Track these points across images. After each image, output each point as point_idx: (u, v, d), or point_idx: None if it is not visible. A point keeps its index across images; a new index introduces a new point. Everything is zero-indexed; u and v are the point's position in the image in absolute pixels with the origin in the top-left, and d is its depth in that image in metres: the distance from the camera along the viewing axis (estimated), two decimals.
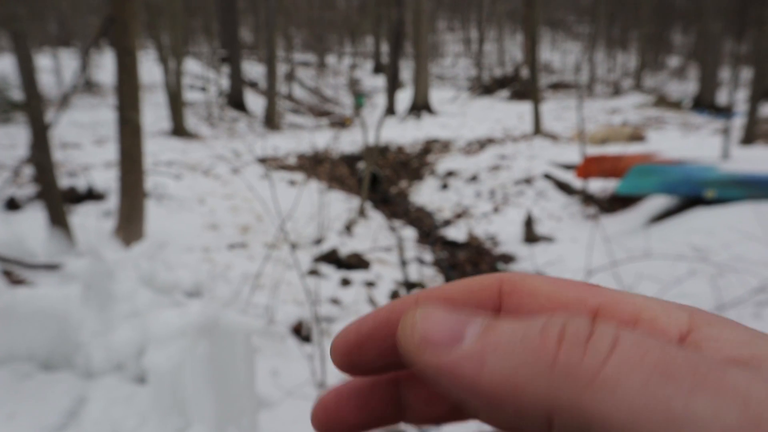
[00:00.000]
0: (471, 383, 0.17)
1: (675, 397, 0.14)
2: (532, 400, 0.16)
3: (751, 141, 9.23)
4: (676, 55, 31.15)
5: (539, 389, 0.15)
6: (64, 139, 9.48)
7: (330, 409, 0.23)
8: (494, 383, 0.16)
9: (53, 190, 3.84)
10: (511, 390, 0.16)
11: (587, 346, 0.15)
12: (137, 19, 4.45)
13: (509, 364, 0.16)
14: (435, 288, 0.22)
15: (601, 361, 0.15)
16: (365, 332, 0.22)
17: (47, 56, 17.02)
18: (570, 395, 0.15)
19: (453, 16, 45.53)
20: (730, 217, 5.20)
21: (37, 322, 2.46)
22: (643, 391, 0.14)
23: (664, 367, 0.14)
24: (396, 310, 0.22)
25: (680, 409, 0.14)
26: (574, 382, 0.15)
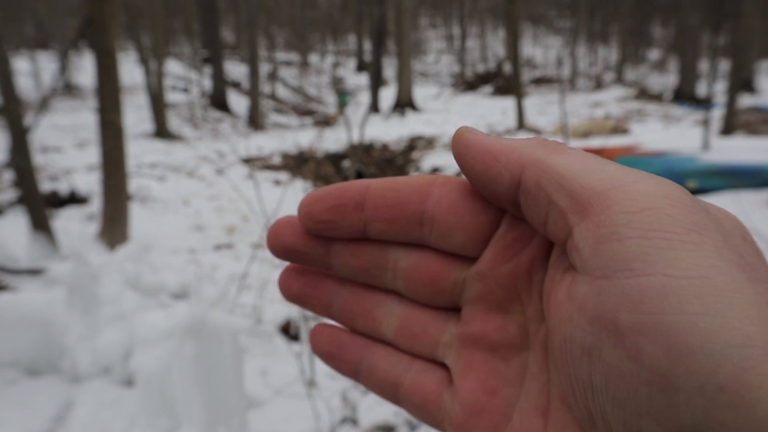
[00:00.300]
0: (488, 146, 0.25)
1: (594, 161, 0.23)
2: (518, 156, 0.24)
3: (730, 131, 9.36)
4: (656, 48, 31.47)
5: (525, 150, 0.24)
6: (45, 143, 9.36)
7: (277, 227, 0.29)
8: (502, 146, 0.25)
9: (34, 195, 3.79)
10: (510, 149, 0.24)
11: (561, 143, 0.24)
12: (116, 20, 4.40)
13: (515, 141, 0.25)
14: (386, 178, 0.28)
15: (565, 146, 0.24)
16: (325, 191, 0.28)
17: (24, 59, 16.77)
18: (541, 154, 0.24)
19: (435, 13, 45.58)
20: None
21: (22, 327, 2.43)
22: (580, 157, 0.23)
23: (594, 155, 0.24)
24: (351, 184, 0.28)
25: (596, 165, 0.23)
26: (547, 149, 0.24)
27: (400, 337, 0.29)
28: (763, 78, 19.76)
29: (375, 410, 2.98)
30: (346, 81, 27.00)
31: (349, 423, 2.92)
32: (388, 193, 0.27)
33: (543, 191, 0.23)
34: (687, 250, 0.19)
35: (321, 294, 0.30)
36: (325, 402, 2.76)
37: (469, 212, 0.26)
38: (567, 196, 0.22)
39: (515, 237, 0.26)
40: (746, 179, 5.71)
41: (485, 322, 0.27)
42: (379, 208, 0.27)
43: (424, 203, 0.27)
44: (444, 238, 0.27)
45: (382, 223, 0.27)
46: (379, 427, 2.92)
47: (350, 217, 0.27)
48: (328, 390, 3.03)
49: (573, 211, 0.22)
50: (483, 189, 0.26)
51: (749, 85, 16.74)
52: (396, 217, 0.27)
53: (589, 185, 0.22)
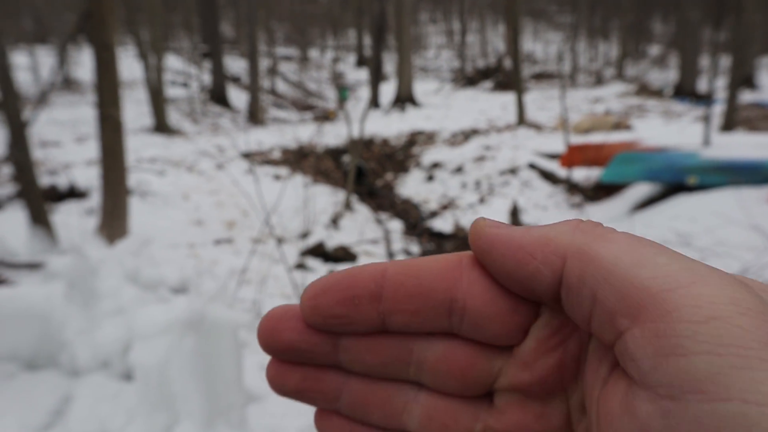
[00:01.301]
0: (517, 241, 0.23)
1: (647, 253, 0.21)
2: (554, 248, 0.22)
3: (730, 127, 9.35)
4: (656, 43, 31.41)
5: (562, 240, 0.22)
6: (44, 138, 9.34)
7: (272, 322, 0.25)
8: (534, 238, 0.23)
9: (33, 189, 3.78)
10: (544, 241, 0.22)
11: (598, 226, 0.23)
12: (115, 14, 4.38)
13: (546, 229, 0.23)
14: (405, 259, 0.25)
15: (606, 231, 0.22)
16: (333, 280, 0.24)
17: (23, 53, 16.72)
18: (582, 243, 0.22)
19: (435, 8, 45.45)
20: (712, 203, 5.27)
21: (20, 321, 2.43)
22: (628, 247, 0.21)
23: (642, 241, 0.22)
24: (365, 269, 0.25)
25: (649, 258, 0.20)
26: (586, 236, 0.22)
27: (426, 428, 0.26)
28: (764, 74, 19.73)
29: None
30: (346, 76, 26.95)
31: None
32: (409, 280, 0.24)
33: (587, 287, 0.21)
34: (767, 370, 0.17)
35: (325, 388, 0.26)
36: None
37: (506, 300, 0.24)
38: (616, 296, 0.20)
39: (560, 324, 0.24)
40: (747, 175, 5.70)
41: (524, 412, 0.25)
42: (400, 298, 0.24)
43: (453, 291, 0.24)
44: (477, 329, 0.24)
45: (404, 315, 0.24)
46: None
47: (365, 311, 0.24)
48: None
49: (623, 313, 0.20)
50: (518, 287, 0.23)
51: (750, 81, 16.71)
52: (420, 308, 0.24)
53: (641, 284, 0.19)
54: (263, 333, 0.25)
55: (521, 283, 0.23)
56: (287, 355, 0.25)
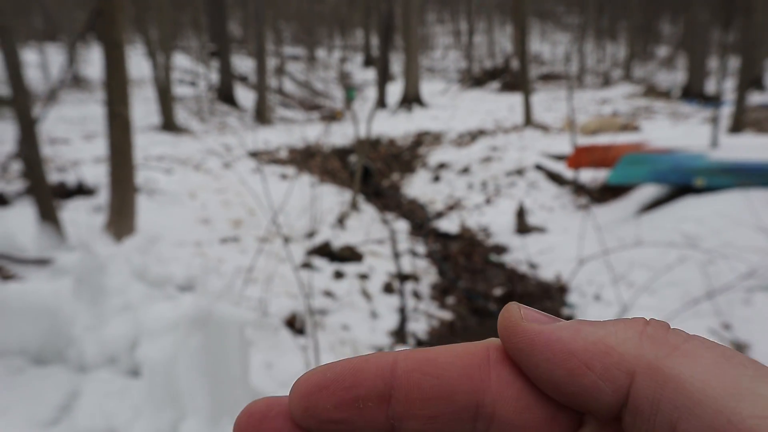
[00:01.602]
0: (567, 345, 0.19)
1: (742, 377, 0.17)
2: (618, 360, 0.18)
3: (739, 129, 9.30)
4: (664, 45, 31.25)
5: (628, 350, 0.18)
6: (53, 135, 9.40)
7: (253, 422, 0.20)
8: (588, 343, 0.19)
9: (42, 185, 3.81)
10: (604, 349, 0.18)
11: (668, 330, 0.19)
12: (124, 12, 4.40)
13: (602, 332, 0.19)
14: (418, 350, 0.21)
15: (681, 340, 0.18)
16: (331, 375, 0.20)
17: (33, 51, 16.83)
18: (653, 358, 0.18)
19: (442, 9, 45.40)
20: (720, 205, 5.24)
21: (29, 316, 2.45)
22: (715, 366, 0.17)
23: (730, 356, 0.17)
24: (370, 362, 0.20)
25: (747, 386, 0.16)
26: (659, 348, 0.18)
27: None
28: None
29: None
30: (353, 76, 26.97)
31: None
32: (426, 380, 0.20)
33: (664, 415, 0.17)
34: None
35: None
36: None
37: (543, 408, 0.20)
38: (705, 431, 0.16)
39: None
40: (755, 177, 5.66)
41: None
42: (414, 401, 0.20)
43: (479, 394, 0.20)
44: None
45: (419, 421, 0.20)
46: None
47: (371, 414, 0.20)
48: None
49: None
50: (565, 400, 0.19)
51: (759, 83, 16.60)
52: (439, 413, 0.20)
53: (743, 423, 0.16)
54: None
55: (571, 396, 0.19)
56: None
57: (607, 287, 4.39)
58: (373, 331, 4.05)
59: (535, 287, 5.01)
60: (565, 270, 5.09)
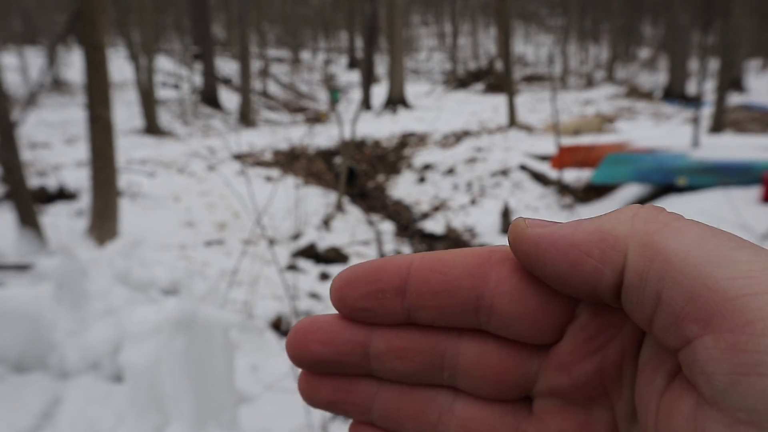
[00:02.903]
0: (568, 239, 0.20)
1: (722, 247, 0.18)
2: (613, 242, 0.20)
3: (719, 129, 9.43)
4: (646, 46, 31.65)
5: (621, 231, 0.20)
6: (33, 139, 9.26)
7: (300, 335, 0.25)
8: (587, 234, 0.20)
9: (22, 190, 3.75)
10: (600, 236, 0.20)
11: (661, 212, 0.20)
12: (105, 14, 4.35)
13: (599, 221, 0.21)
14: (431, 252, 0.24)
15: (673, 218, 0.20)
16: (360, 272, 0.24)
17: (12, 54, 16.59)
18: (644, 234, 0.19)
19: (427, 11, 45.54)
20: (701, 203, 5.31)
21: (8, 323, 2.40)
22: (699, 239, 0.18)
23: (715, 231, 0.19)
24: (390, 261, 0.24)
25: (725, 254, 0.18)
26: (650, 225, 0.19)
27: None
28: (752, 77, 19.92)
29: None
30: (337, 78, 26.94)
31: (341, 418, 2.91)
32: (434, 276, 0.23)
33: (651, 285, 0.19)
34: None
35: (357, 398, 0.25)
36: None
37: (537, 299, 0.22)
38: (685, 297, 0.18)
39: (600, 326, 0.22)
40: (735, 176, 5.75)
41: (565, 420, 0.23)
42: (424, 294, 0.23)
43: (479, 288, 0.22)
44: (507, 328, 0.23)
45: (428, 311, 0.23)
46: None
47: (390, 305, 0.23)
48: None
49: (693, 318, 0.17)
50: (572, 291, 0.21)
51: (738, 84, 16.87)
52: (445, 305, 0.23)
53: (717, 285, 0.17)
54: (292, 347, 0.25)
55: (579, 286, 0.21)
56: (318, 368, 0.25)
57: None
58: None
59: None
60: None
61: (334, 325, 0.25)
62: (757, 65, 24.04)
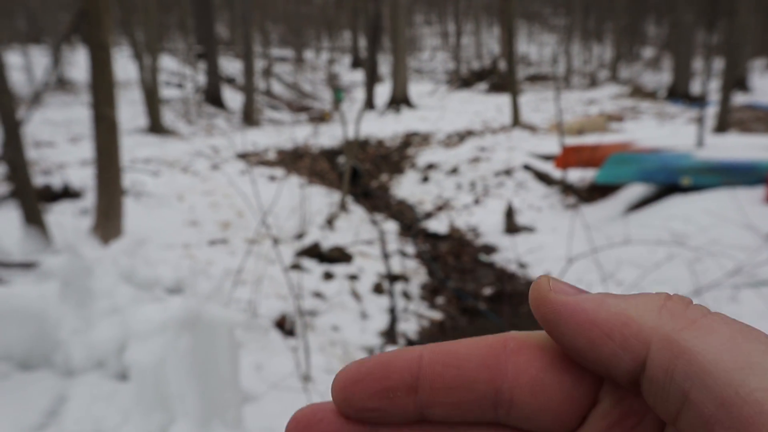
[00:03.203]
0: (590, 316, 0.20)
1: (754, 352, 0.18)
2: (637, 331, 0.19)
3: (724, 129, 9.40)
4: (650, 46, 31.56)
5: (646, 322, 0.19)
6: (38, 138, 9.30)
7: (301, 427, 0.23)
8: (610, 314, 0.20)
9: (27, 189, 3.76)
10: (624, 320, 0.20)
11: (688, 305, 0.20)
12: (110, 13, 4.36)
13: (624, 304, 0.20)
14: (442, 343, 0.23)
15: (700, 314, 0.19)
16: (365, 369, 0.22)
17: (17, 53, 16.64)
18: (670, 330, 0.19)
19: (430, 10, 45.51)
20: (707, 203, 5.30)
21: (14, 320, 2.41)
22: (729, 341, 0.18)
23: (747, 332, 0.18)
24: (398, 357, 0.22)
25: (758, 360, 0.17)
26: (676, 321, 0.19)
27: None
28: (756, 76, 19.86)
29: None
30: (341, 77, 26.95)
31: None
32: (448, 371, 0.22)
33: (677, 384, 0.18)
34: None
35: None
36: (320, 396, 2.76)
37: (559, 388, 0.21)
38: (715, 403, 0.17)
39: (622, 413, 0.21)
40: (740, 176, 5.73)
41: None
42: (438, 390, 0.22)
43: (497, 381, 0.22)
44: (528, 421, 0.22)
45: (444, 408, 0.22)
46: None
47: (401, 403, 0.22)
48: (324, 384, 3.02)
49: (725, 426, 0.17)
50: (588, 365, 0.21)
51: (743, 83, 16.81)
52: (461, 400, 0.22)
53: (750, 397, 0.17)
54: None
55: (593, 364, 0.21)
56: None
57: (596, 285, 4.42)
58: (363, 332, 4.05)
59: (524, 286, 5.03)
60: (554, 269, 5.12)
61: (337, 423, 0.23)
62: (762, 65, 23.97)
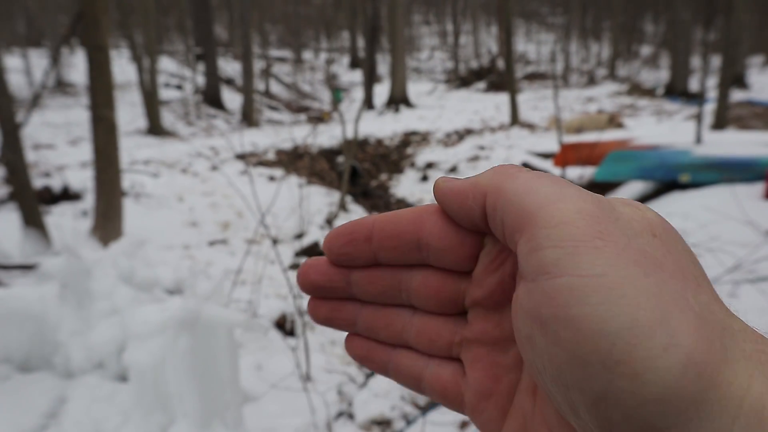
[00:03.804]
0: (457, 188, 0.30)
1: (535, 183, 0.27)
2: (480, 187, 0.29)
3: (722, 126, 9.41)
4: (648, 44, 31.55)
5: (485, 180, 0.29)
6: (38, 140, 9.30)
7: (305, 268, 0.34)
8: (467, 183, 0.30)
9: (26, 191, 3.77)
10: (474, 184, 0.29)
11: (513, 167, 0.29)
12: (108, 15, 4.36)
13: (477, 176, 0.30)
14: (387, 212, 0.33)
15: (516, 171, 0.28)
16: (341, 230, 0.33)
17: (16, 56, 16.64)
18: (496, 182, 0.28)
19: (428, 10, 45.50)
20: (706, 199, 5.30)
21: (14, 322, 2.42)
22: (526, 182, 0.27)
23: (538, 176, 0.27)
24: (360, 221, 0.33)
25: (536, 188, 0.26)
26: (500, 176, 0.28)
27: (419, 342, 0.34)
28: (754, 73, 19.86)
29: (371, 404, 2.97)
30: (339, 77, 26.94)
31: (345, 417, 2.91)
32: (389, 226, 0.32)
33: (498, 213, 0.28)
34: (590, 254, 0.23)
35: (346, 315, 0.35)
36: (320, 396, 2.76)
37: (455, 237, 0.31)
38: (513, 217, 0.27)
39: (498, 251, 0.31)
40: (739, 172, 5.73)
41: (485, 322, 0.32)
42: (383, 239, 0.32)
43: (419, 232, 0.32)
44: (439, 260, 0.32)
45: (387, 251, 0.32)
46: (375, 421, 2.92)
47: (362, 249, 0.33)
48: (324, 384, 3.02)
49: (517, 229, 0.26)
50: (463, 222, 0.31)
51: (740, 80, 16.81)
52: (397, 245, 0.32)
53: (526, 206, 0.26)
54: (299, 277, 0.34)
55: (465, 218, 0.30)
56: (316, 292, 0.34)
57: None
58: None
59: None
60: None
61: (327, 263, 0.34)
62: (759, 62, 23.96)
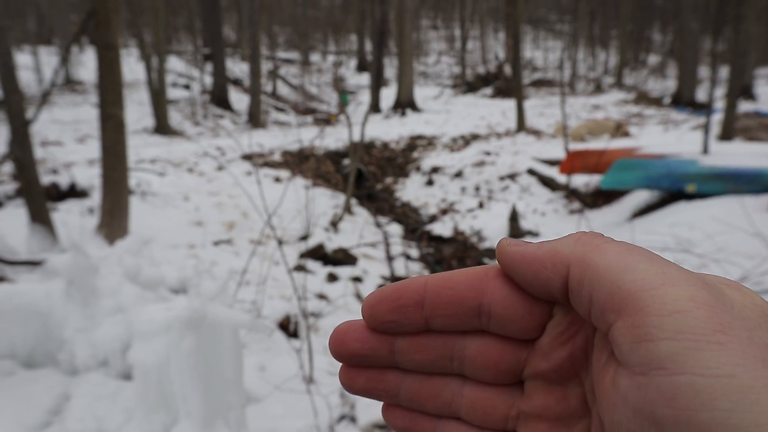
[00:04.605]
0: (532, 255, 0.28)
1: (631, 259, 0.25)
2: (561, 258, 0.27)
3: (729, 136, 9.37)
4: (655, 53, 31.50)
5: (566, 250, 0.27)
6: (46, 137, 9.34)
7: (340, 335, 0.31)
8: (544, 251, 0.28)
9: (34, 187, 3.78)
10: (553, 253, 0.28)
11: (596, 236, 0.28)
12: (119, 14, 4.38)
13: (554, 243, 0.28)
14: (442, 273, 0.30)
15: (602, 241, 0.27)
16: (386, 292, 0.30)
17: (27, 54, 16.74)
18: (581, 253, 0.27)
19: (436, 14, 45.57)
20: (713, 210, 5.28)
21: (19, 318, 2.42)
22: (617, 255, 0.26)
23: (630, 249, 0.26)
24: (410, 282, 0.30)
25: (632, 264, 0.25)
26: (585, 247, 0.27)
27: (471, 416, 0.31)
28: (762, 84, 19.80)
29: (373, 408, 2.97)
30: (346, 80, 26.99)
31: (348, 420, 2.91)
32: (445, 291, 0.30)
33: (585, 289, 0.26)
34: (713, 351, 0.22)
35: (387, 386, 0.32)
36: (323, 399, 2.75)
37: (523, 305, 0.29)
38: (606, 295, 0.25)
39: (570, 322, 0.29)
40: (745, 184, 5.71)
41: (547, 396, 0.30)
42: (438, 306, 0.30)
43: (480, 297, 0.29)
44: (502, 328, 0.30)
45: (442, 318, 0.30)
46: (377, 425, 2.91)
47: (412, 316, 0.30)
48: (327, 387, 3.02)
49: (611, 309, 0.24)
50: (535, 291, 0.29)
51: (748, 91, 16.76)
52: (455, 312, 0.30)
53: (624, 286, 0.24)
54: (333, 344, 0.31)
55: (539, 288, 0.28)
56: (353, 361, 0.31)
57: None
58: None
59: None
60: None
61: (366, 328, 0.31)
62: (767, 73, 23.89)
